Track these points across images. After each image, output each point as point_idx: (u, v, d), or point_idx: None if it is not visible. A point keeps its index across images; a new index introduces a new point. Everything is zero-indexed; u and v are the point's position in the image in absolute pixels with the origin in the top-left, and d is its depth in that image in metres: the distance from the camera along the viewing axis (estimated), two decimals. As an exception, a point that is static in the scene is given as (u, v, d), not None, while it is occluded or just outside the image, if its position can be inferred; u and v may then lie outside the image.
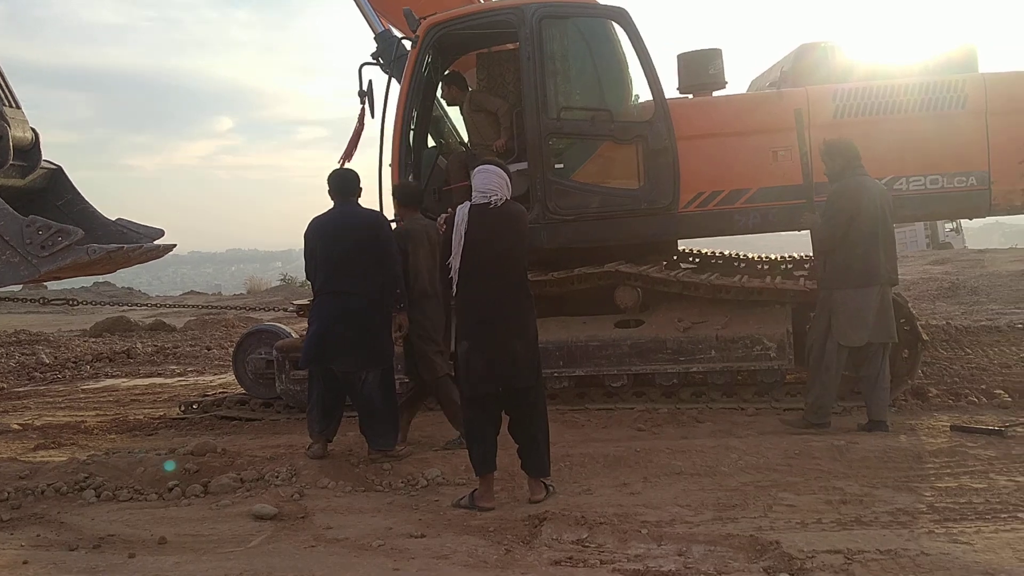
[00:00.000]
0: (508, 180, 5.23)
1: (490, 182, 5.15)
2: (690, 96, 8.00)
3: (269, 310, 16.09)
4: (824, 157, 6.58)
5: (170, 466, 5.72)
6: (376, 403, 6.17)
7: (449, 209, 5.39)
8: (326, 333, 6.15)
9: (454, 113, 9.15)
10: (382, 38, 8.63)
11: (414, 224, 6.72)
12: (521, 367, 5.13)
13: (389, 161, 7.91)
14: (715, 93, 7.99)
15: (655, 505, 4.90)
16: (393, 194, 7.33)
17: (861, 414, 6.90)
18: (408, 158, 7.89)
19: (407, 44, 8.12)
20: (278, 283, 36.16)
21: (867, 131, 7.41)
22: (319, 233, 6.26)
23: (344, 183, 6.36)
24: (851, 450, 5.78)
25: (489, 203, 5.11)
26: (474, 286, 5.09)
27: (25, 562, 4.45)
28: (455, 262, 5.06)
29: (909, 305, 7.58)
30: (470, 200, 5.18)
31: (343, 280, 6.13)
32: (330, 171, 6.45)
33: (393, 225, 6.81)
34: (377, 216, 6.55)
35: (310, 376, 6.47)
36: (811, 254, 9.34)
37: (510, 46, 8.35)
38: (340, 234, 6.20)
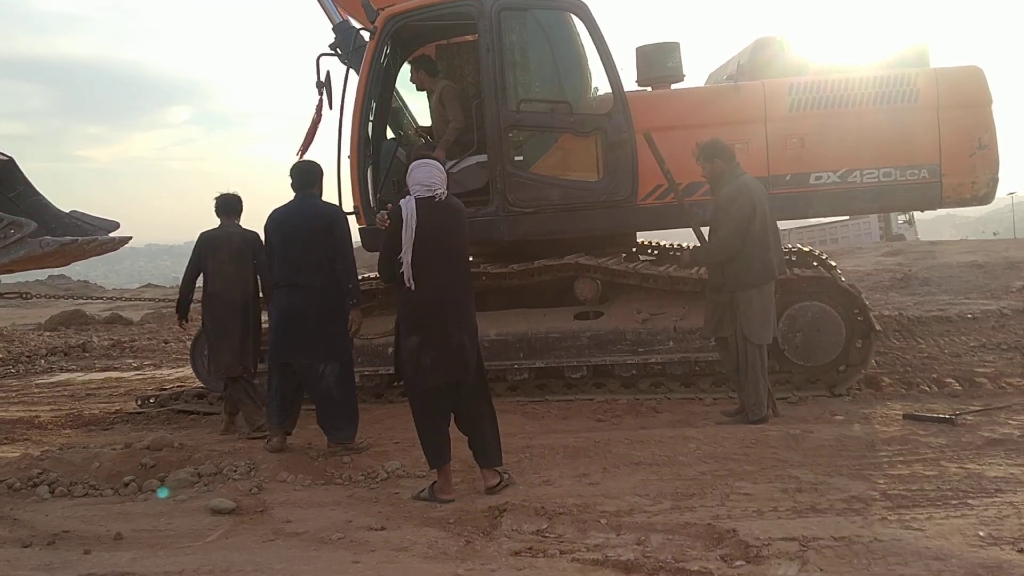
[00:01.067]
0: (445, 174, 5.26)
1: (432, 176, 5.14)
2: (649, 89, 8.04)
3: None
4: (702, 159, 6.57)
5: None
6: (335, 396, 6.18)
7: (389, 205, 5.36)
8: (286, 327, 6.15)
9: (413, 105, 9.12)
10: (340, 28, 8.56)
11: (218, 231, 7.12)
12: (469, 360, 5.17)
13: (348, 153, 7.86)
14: (673, 86, 8.05)
15: (614, 495, 4.93)
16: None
17: (817, 403, 7.02)
18: (367, 150, 7.85)
19: (365, 35, 8.05)
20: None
21: (822, 124, 7.54)
22: (276, 225, 6.28)
23: (304, 175, 6.36)
24: (806, 439, 5.86)
25: (434, 196, 5.10)
26: (425, 280, 5.04)
27: (-23, 559, 4.39)
28: (407, 256, 5.00)
29: (863, 296, 7.70)
30: (408, 194, 5.13)
31: (299, 273, 6.14)
32: (292, 164, 6.44)
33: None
34: (334, 209, 6.55)
35: (269, 369, 6.44)
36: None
37: (469, 37, 8.33)
38: (297, 227, 6.21)
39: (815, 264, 8.17)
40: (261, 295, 7.11)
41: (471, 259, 8.42)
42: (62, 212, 8.36)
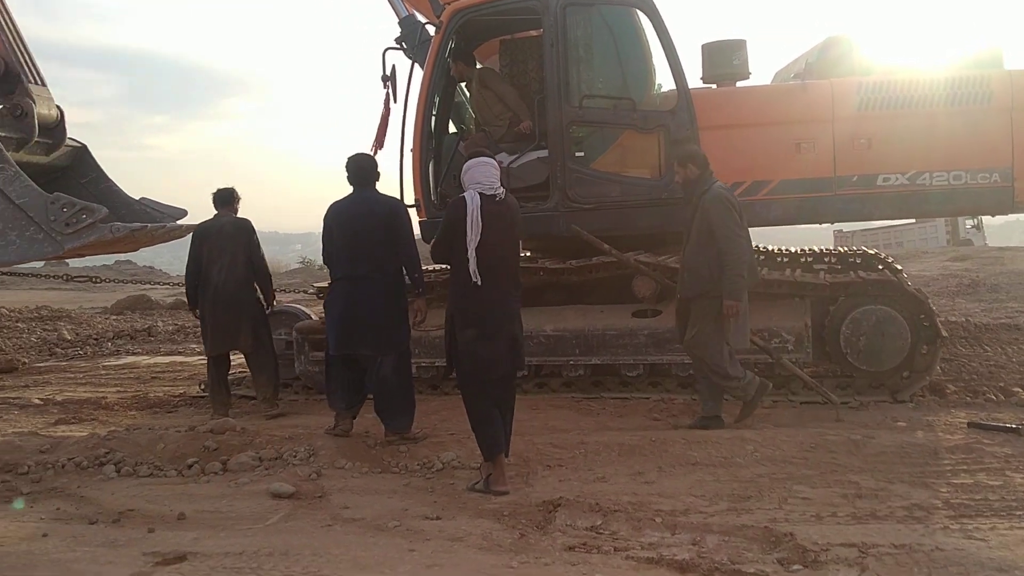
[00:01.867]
0: (499, 171, 5.37)
1: (491, 175, 5.26)
2: (714, 86, 7.96)
3: (288, 292, 16.19)
4: (677, 164, 6.56)
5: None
6: (392, 386, 6.25)
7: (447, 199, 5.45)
8: (348, 319, 6.25)
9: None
10: (406, 23, 8.63)
11: (211, 221, 7.74)
12: (521, 352, 5.34)
13: (411, 146, 7.93)
14: (739, 84, 7.96)
15: (669, 494, 4.92)
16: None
17: (879, 409, 6.92)
18: (429, 143, 7.90)
19: (431, 29, 8.11)
20: (297, 265, 36.31)
21: (891, 125, 7.40)
22: (338, 218, 6.32)
23: (361, 170, 6.42)
24: (868, 445, 5.77)
25: (495, 195, 5.19)
26: (484, 275, 5.10)
27: (45, 535, 4.52)
28: (471, 250, 5.06)
29: (929, 301, 7.55)
30: (475, 191, 5.18)
31: (361, 265, 6.20)
32: (348, 157, 6.50)
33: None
34: (394, 202, 6.60)
35: (329, 357, 6.54)
36: (828, 248, 9.36)
37: (533, 33, 8.34)
38: (358, 220, 6.26)
39: (880, 267, 8.00)
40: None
41: (528, 254, 8.47)
42: (132, 199, 8.58)
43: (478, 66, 8.29)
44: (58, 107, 8.27)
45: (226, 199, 7.89)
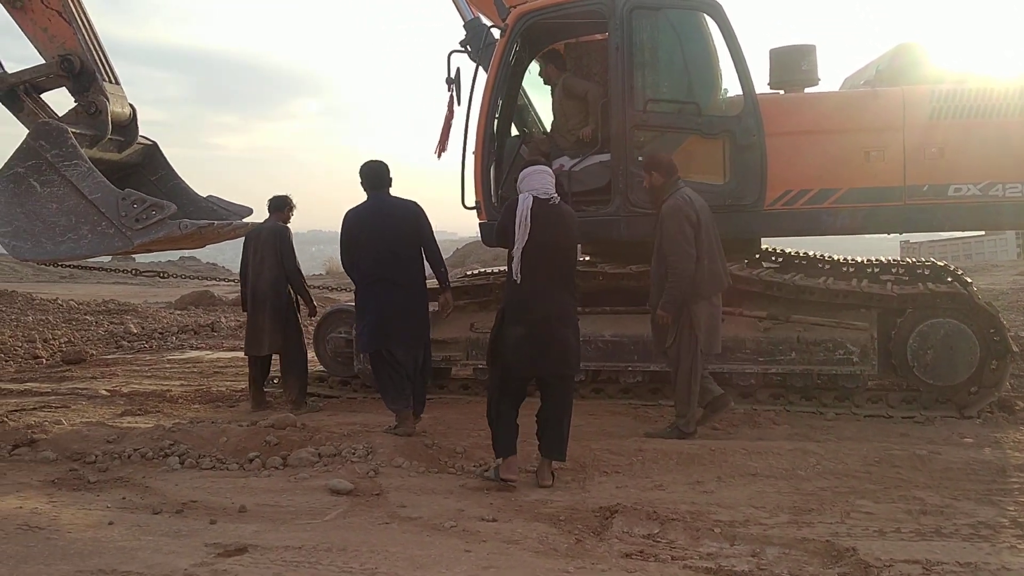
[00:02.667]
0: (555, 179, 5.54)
1: (547, 183, 5.42)
2: (781, 92, 7.85)
3: (348, 291, 16.34)
4: (643, 170, 6.63)
5: None
6: (425, 376, 6.80)
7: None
8: (385, 320, 6.52)
9: (538, 102, 9.15)
10: (471, 26, 8.66)
11: (258, 226, 8.06)
12: (571, 355, 5.39)
13: (473, 149, 7.95)
14: (807, 90, 7.83)
15: (729, 505, 4.86)
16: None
17: (945, 425, 6.77)
18: (491, 146, 7.91)
19: (496, 32, 8.12)
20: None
21: (964, 134, 7.22)
22: (363, 224, 6.60)
23: (377, 175, 6.72)
24: (933, 460, 5.65)
25: (549, 199, 5.35)
26: (533, 274, 5.26)
27: (111, 523, 4.62)
28: (517, 250, 5.23)
29: (999, 315, 7.35)
30: (529, 195, 5.32)
31: (390, 267, 6.50)
32: (362, 164, 6.80)
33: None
34: (414, 204, 6.80)
35: (377, 359, 6.69)
36: (895, 258, 9.18)
37: (598, 36, 8.31)
38: (385, 224, 6.56)
39: (950, 279, 7.82)
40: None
41: (587, 258, 8.43)
42: (199, 196, 8.75)
43: (565, 74, 8.19)
44: (131, 105, 8.47)
45: (277, 205, 8.20)
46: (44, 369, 10.69)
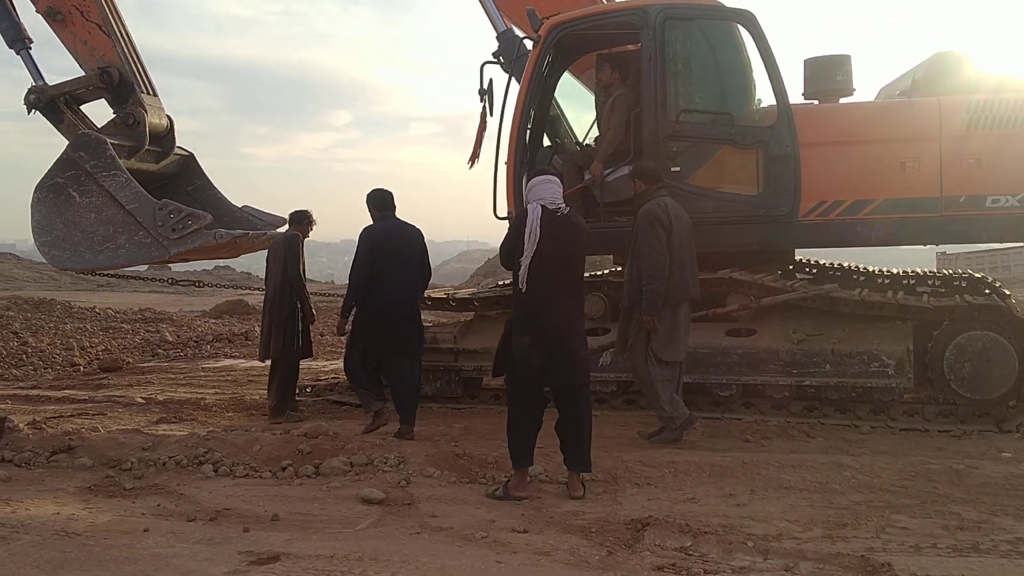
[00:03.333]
0: (562, 189, 5.56)
1: (554, 192, 5.43)
2: (816, 102, 7.80)
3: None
4: (631, 179, 6.74)
5: None
6: (413, 385, 7.09)
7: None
8: (390, 330, 6.94)
9: (570, 113, 9.16)
10: (504, 37, 8.70)
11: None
12: (579, 365, 5.39)
13: (505, 159, 7.97)
14: (842, 100, 7.78)
15: (762, 518, 4.81)
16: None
17: (983, 439, 6.67)
18: (524, 156, 7.92)
19: (528, 44, 8.15)
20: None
21: (1002, 144, 7.16)
22: (387, 241, 7.03)
23: (385, 201, 7.20)
24: (970, 475, 5.56)
25: (557, 210, 5.35)
26: (541, 284, 5.26)
27: (146, 530, 4.66)
28: (526, 260, 5.23)
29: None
30: (538, 205, 5.35)
31: (401, 283, 6.99)
32: (370, 191, 7.27)
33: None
34: (419, 230, 7.31)
35: (351, 363, 7.14)
36: (932, 270, 9.06)
37: (631, 47, 8.30)
38: (402, 243, 7.07)
39: (987, 291, 7.71)
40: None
41: (619, 268, 8.40)
42: (235, 206, 8.85)
43: (622, 88, 8.09)
44: (168, 116, 8.59)
45: (296, 219, 8.37)
46: (82, 376, 10.85)
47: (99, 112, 8.46)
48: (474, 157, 8.30)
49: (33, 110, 8.22)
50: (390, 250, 6.99)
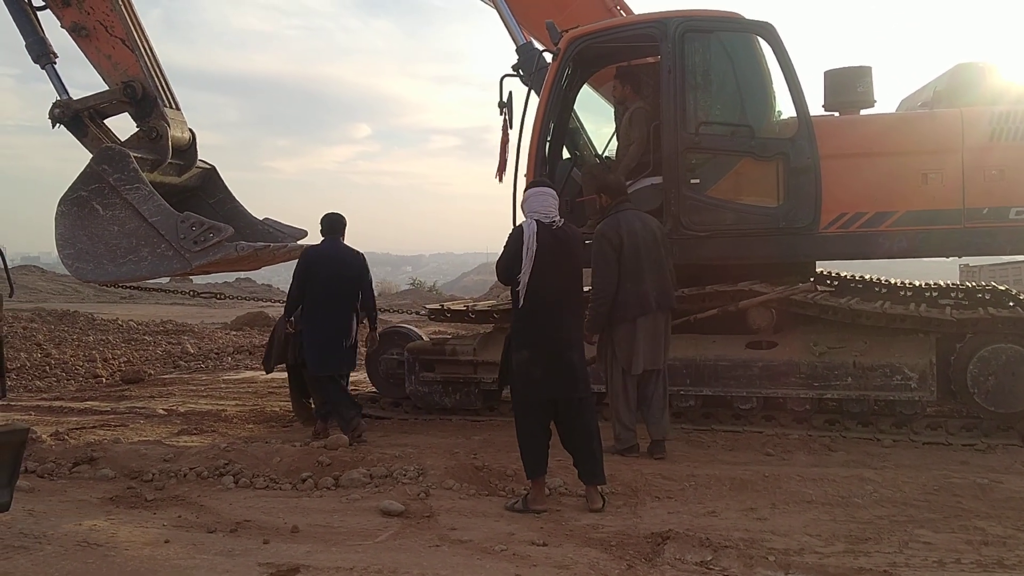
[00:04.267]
0: (558, 201, 5.62)
1: (548, 204, 5.48)
2: (836, 114, 7.77)
3: (400, 312, 16.45)
4: (595, 192, 6.81)
5: None
6: (351, 397, 7.68)
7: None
8: (332, 346, 7.40)
9: (590, 126, 9.16)
10: (523, 50, 8.71)
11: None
12: (579, 378, 5.41)
13: (524, 172, 7.98)
14: (863, 111, 7.75)
15: (783, 532, 4.78)
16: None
17: (1007, 453, 6.59)
18: (543, 169, 7.93)
19: (548, 57, 8.16)
20: (407, 287, 36.94)
21: (1023, 156, 7.07)
22: (325, 261, 7.44)
23: (336, 223, 7.62)
24: (995, 489, 5.50)
25: (552, 223, 5.40)
26: (539, 299, 5.31)
27: (167, 541, 4.69)
28: (524, 275, 5.28)
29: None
30: (533, 220, 5.42)
31: (339, 301, 7.43)
32: (324, 214, 7.66)
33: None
34: (360, 253, 7.70)
35: (317, 380, 7.53)
36: (954, 282, 8.99)
37: (650, 59, 8.30)
38: (343, 264, 7.48)
39: (1011, 304, 7.63)
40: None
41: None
42: (256, 219, 8.91)
43: (639, 101, 8.05)
44: (190, 130, 8.66)
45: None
46: (104, 388, 10.92)
47: (123, 126, 8.54)
48: (501, 169, 8.31)
49: (57, 124, 8.32)
50: (326, 271, 7.39)
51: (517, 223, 5.61)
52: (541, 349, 5.33)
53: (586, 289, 7.68)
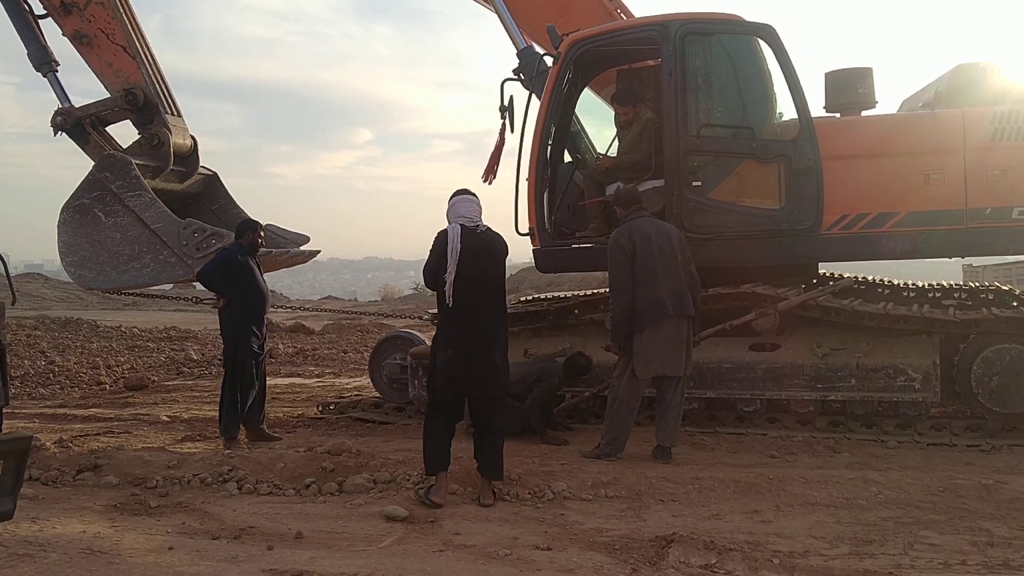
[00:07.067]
0: (482, 208, 5.77)
1: (472, 210, 5.69)
2: (837, 115, 7.77)
3: (403, 317, 16.44)
4: (615, 203, 6.92)
5: None
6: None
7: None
8: (252, 339, 7.60)
9: (591, 129, 9.16)
10: (524, 54, 8.72)
11: None
12: (499, 376, 5.61)
13: (526, 175, 7.98)
14: (864, 113, 7.74)
15: (788, 535, 4.77)
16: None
17: (1012, 454, 6.58)
18: (544, 173, 7.94)
19: (549, 60, 8.17)
20: (410, 292, 36.94)
21: (1026, 157, 7.07)
22: (242, 262, 7.52)
23: (240, 229, 7.70)
24: (1000, 491, 5.48)
25: (476, 227, 5.60)
26: (463, 300, 5.49)
27: (171, 548, 4.68)
28: (450, 276, 5.46)
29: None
30: (457, 224, 5.57)
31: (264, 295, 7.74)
32: (240, 221, 7.85)
33: None
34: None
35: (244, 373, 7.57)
36: (958, 283, 8.97)
37: (651, 62, 8.30)
38: (255, 267, 7.67)
39: (1015, 304, 7.61)
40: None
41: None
42: (259, 225, 8.90)
43: (648, 112, 7.98)
44: (192, 137, 8.67)
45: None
46: (107, 395, 10.93)
47: (125, 133, 8.56)
48: (489, 173, 8.31)
49: (60, 132, 8.35)
50: (250, 272, 7.54)
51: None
52: (462, 348, 5.51)
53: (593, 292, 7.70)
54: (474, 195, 5.81)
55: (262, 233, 7.83)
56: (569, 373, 7.53)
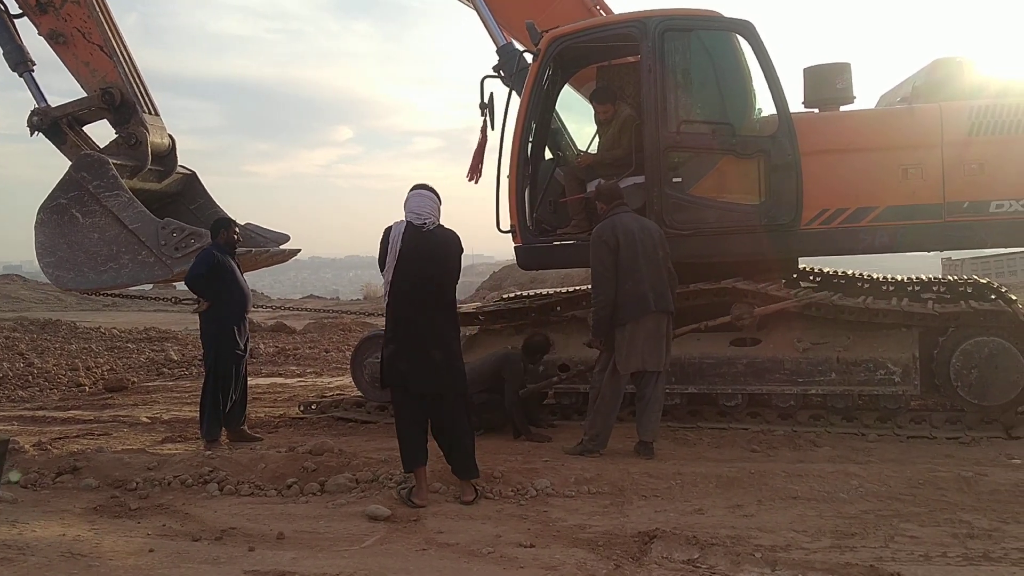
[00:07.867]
0: (440, 204, 5.68)
1: (424, 206, 5.59)
2: (816, 111, 7.80)
3: (384, 315, 16.38)
4: (596, 198, 6.90)
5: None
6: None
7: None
8: (234, 339, 7.57)
9: (571, 126, 9.17)
10: (504, 51, 8.71)
11: None
12: (441, 374, 5.51)
13: (507, 173, 7.97)
14: (843, 108, 7.78)
15: (770, 529, 4.78)
16: None
17: (992, 446, 6.63)
18: (525, 170, 7.93)
19: (528, 57, 8.16)
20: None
21: (1005, 149, 7.14)
22: (222, 261, 7.42)
23: (216, 229, 7.60)
24: (980, 482, 5.52)
25: (423, 225, 5.52)
26: (402, 298, 5.48)
27: (151, 550, 4.65)
28: (387, 274, 5.46)
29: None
30: (407, 221, 5.54)
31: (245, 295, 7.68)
32: (216, 219, 7.83)
33: None
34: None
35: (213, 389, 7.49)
36: (937, 276, 9.04)
37: (630, 59, 8.31)
38: (235, 266, 7.61)
39: (993, 297, 7.68)
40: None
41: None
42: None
43: (627, 109, 7.97)
44: (170, 136, 8.61)
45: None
46: (87, 397, 10.84)
47: (102, 133, 8.49)
48: (474, 171, 8.31)
49: (36, 132, 8.27)
50: (229, 268, 7.47)
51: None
52: (404, 343, 5.49)
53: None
54: (431, 190, 5.70)
55: (236, 229, 7.75)
56: (529, 354, 7.51)
